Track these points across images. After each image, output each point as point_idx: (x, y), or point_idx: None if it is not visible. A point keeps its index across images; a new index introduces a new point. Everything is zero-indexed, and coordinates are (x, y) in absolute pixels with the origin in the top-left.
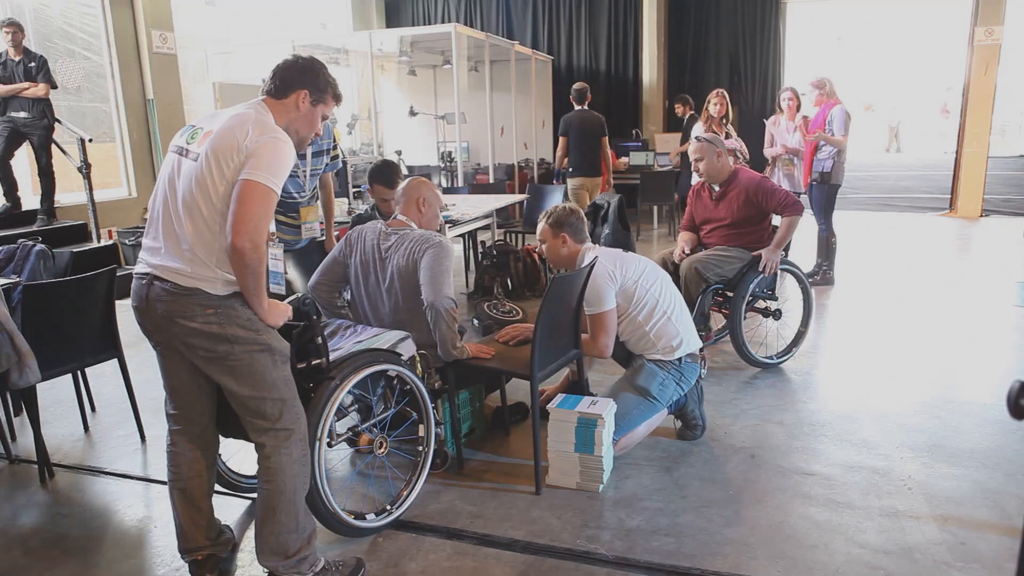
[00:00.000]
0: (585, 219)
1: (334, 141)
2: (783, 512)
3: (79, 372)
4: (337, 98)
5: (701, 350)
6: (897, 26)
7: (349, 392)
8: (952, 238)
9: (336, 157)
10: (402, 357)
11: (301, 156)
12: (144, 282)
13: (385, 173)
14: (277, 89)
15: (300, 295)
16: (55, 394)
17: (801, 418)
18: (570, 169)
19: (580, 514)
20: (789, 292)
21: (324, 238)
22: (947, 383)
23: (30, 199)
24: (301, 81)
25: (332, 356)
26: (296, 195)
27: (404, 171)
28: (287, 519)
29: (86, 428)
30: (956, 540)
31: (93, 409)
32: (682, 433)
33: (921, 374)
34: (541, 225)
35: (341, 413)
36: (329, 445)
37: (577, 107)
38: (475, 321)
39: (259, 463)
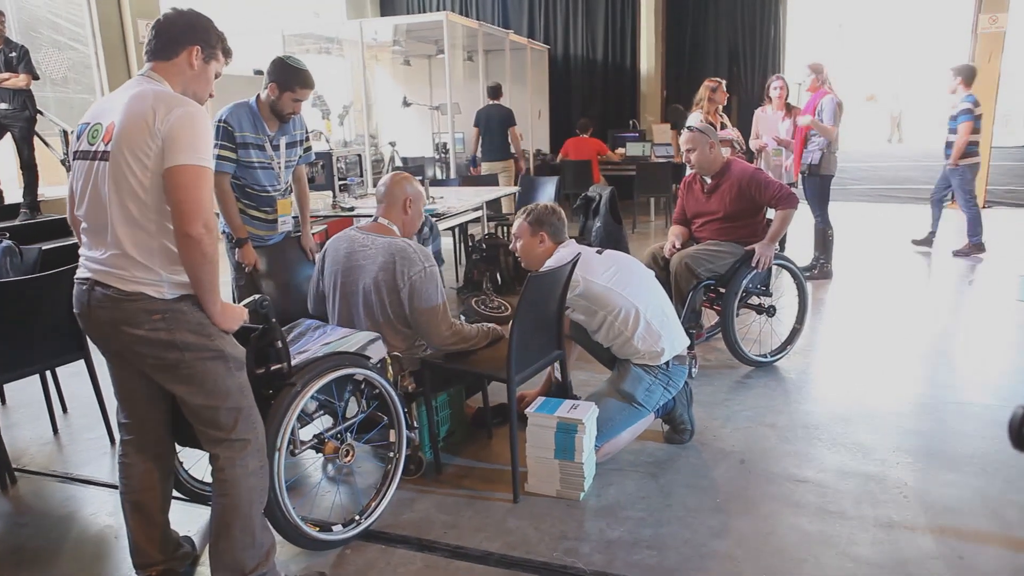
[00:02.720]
0: (565, 219)
1: (306, 132)
2: (772, 522)
3: (48, 373)
4: (227, 53)
5: (691, 348)
6: (899, 13)
7: (314, 398)
8: (954, 230)
9: (309, 148)
10: (371, 360)
11: (275, 147)
12: (85, 288)
13: None
14: (163, 48)
15: (258, 297)
16: (27, 395)
17: (794, 420)
18: (480, 155)
19: (559, 524)
20: (785, 288)
21: (299, 234)
22: (946, 382)
23: (13, 192)
24: (190, 37)
25: (298, 359)
26: (270, 189)
27: (398, 163)
28: (242, 535)
29: (55, 430)
30: (953, 553)
31: (64, 410)
32: (670, 437)
33: (920, 373)
34: (519, 221)
35: (306, 419)
36: (292, 454)
37: (491, 101)
38: (463, 317)
39: (213, 475)
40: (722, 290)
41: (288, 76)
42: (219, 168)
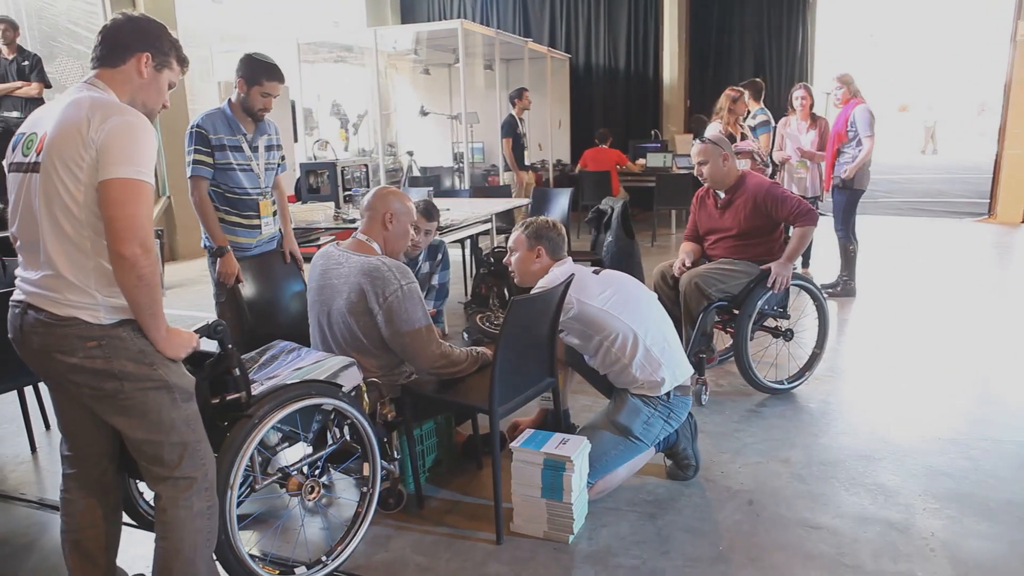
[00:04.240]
0: (566, 235)
1: (279, 139)
2: None
3: (27, 390)
4: (182, 61)
5: (702, 374)
6: (934, 22)
7: (277, 429)
8: (991, 246)
9: (283, 159)
10: (343, 388)
11: (254, 149)
12: (17, 311)
13: (423, 207)
14: (110, 54)
15: (212, 321)
16: (9, 411)
17: (811, 456)
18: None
19: (543, 570)
20: (806, 309)
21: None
22: (980, 416)
23: None
24: (141, 43)
25: (266, 385)
26: (252, 191)
27: (416, 173)
28: None
29: (33, 449)
30: None
31: (47, 427)
32: (673, 473)
33: (951, 404)
34: (517, 233)
35: (266, 453)
36: (253, 489)
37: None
38: (465, 335)
39: (155, 516)
40: (736, 311)
41: (254, 70)
42: (197, 172)
